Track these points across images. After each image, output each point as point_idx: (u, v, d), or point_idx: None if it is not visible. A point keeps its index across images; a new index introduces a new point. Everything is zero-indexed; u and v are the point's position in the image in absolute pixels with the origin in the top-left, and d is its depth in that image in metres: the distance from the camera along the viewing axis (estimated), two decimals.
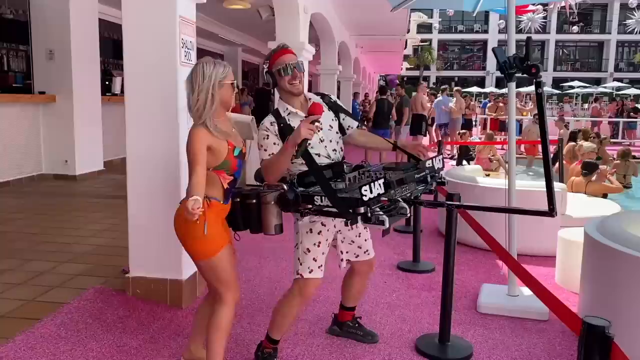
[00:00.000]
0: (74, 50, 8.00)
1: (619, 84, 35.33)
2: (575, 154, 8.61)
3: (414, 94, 13.81)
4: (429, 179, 2.62)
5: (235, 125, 2.61)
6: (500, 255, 2.75)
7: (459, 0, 5.70)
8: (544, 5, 12.19)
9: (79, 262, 4.27)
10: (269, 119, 2.62)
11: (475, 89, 36.25)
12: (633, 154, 9.65)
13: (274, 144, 2.56)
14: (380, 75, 37.66)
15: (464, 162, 11.30)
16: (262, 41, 17.51)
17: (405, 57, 28.33)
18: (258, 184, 2.65)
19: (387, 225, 2.22)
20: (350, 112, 2.86)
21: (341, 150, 2.78)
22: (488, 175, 8.47)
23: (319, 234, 2.66)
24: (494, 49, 2.53)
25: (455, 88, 16.08)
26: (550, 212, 2.49)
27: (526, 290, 3.84)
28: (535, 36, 38.80)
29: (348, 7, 11.05)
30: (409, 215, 2.46)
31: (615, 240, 3.04)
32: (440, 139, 13.10)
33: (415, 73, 47.04)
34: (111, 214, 5.90)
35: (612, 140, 16.28)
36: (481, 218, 3.02)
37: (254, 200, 2.50)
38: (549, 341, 3.24)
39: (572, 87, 35.70)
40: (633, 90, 33.13)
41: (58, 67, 8.04)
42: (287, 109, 2.65)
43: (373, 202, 2.23)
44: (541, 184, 3.63)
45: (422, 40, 35.61)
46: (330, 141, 2.71)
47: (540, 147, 2.86)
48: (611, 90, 34.25)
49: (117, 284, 3.80)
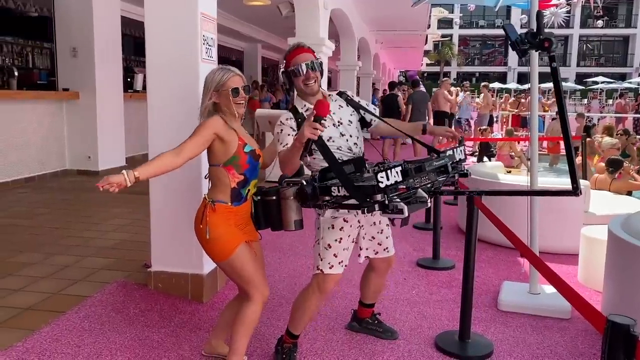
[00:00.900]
0: (97, 47, 8.12)
1: None
2: (593, 149, 8.40)
3: (434, 90, 13.65)
4: (449, 168, 2.55)
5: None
6: (522, 251, 2.71)
7: None
8: None
9: (101, 257, 4.35)
10: (286, 116, 2.63)
11: (496, 85, 35.83)
12: None
13: (288, 135, 2.54)
14: (400, 71, 37.46)
15: (485, 159, 11.19)
16: (282, 37, 17.57)
17: (426, 53, 28.08)
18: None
19: (406, 213, 2.15)
20: (367, 108, 2.85)
21: (362, 146, 2.78)
22: (509, 172, 8.35)
23: (340, 230, 2.66)
24: (504, 26, 2.43)
25: (483, 84, 15.79)
26: (575, 191, 2.40)
27: (548, 289, 3.79)
28: (558, 31, 38.53)
29: (368, 3, 11.01)
30: (429, 205, 2.39)
31: None
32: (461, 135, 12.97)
33: (436, 69, 46.71)
34: (132, 209, 5.98)
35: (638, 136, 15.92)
36: (503, 215, 2.99)
37: (274, 197, 2.52)
38: (571, 339, 3.20)
39: (596, 83, 35.09)
40: None
41: (81, 65, 8.16)
42: (305, 105, 2.66)
43: (390, 190, 2.17)
44: (565, 181, 3.59)
45: (443, 36, 35.26)
46: (351, 136, 2.71)
47: (562, 143, 2.82)
48: (637, 86, 33.56)
49: (139, 278, 3.86)
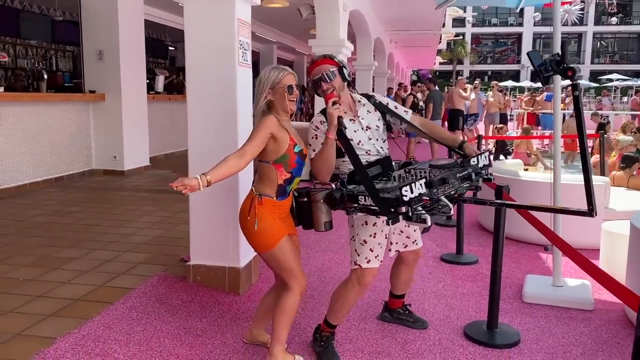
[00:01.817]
0: (122, 50, 8.34)
1: None
2: (610, 146, 8.47)
3: (447, 88, 13.75)
4: (473, 176, 2.68)
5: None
6: (553, 241, 2.87)
7: None
8: None
9: (139, 252, 4.54)
10: (319, 118, 2.78)
11: (510, 83, 35.72)
12: None
13: (322, 143, 2.68)
14: (412, 70, 37.47)
15: (501, 157, 11.27)
16: (297, 39, 17.76)
17: (438, 51, 28.12)
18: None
19: (429, 223, 2.29)
20: (396, 112, 2.99)
21: (387, 149, 2.93)
22: (526, 169, 8.44)
23: (373, 225, 2.80)
24: (529, 53, 2.57)
25: (493, 82, 15.92)
26: (590, 212, 2.57)
27: (571, 281, 3.92)
28: (572, 28, 38.24)
29: (385, 3, 11.12)
30: (451, 214, 2.53)
31: None
32: (479, 133, 13.03)
33: (449, 67, 46.60)
34: (160, 208, 6.19)
35: None
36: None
37: (305, 199, 2.69)
38: (595, 329, 3.33)
39: (611, 80, 34.85)
40: None
41: (107, 67, 8.38)
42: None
43: (414, 202, 2.30)
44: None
45: (455, 34, 35.22)
46: (377, 139, 2.88)
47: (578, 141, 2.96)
48: None
49: (177, 271, 4.05)
